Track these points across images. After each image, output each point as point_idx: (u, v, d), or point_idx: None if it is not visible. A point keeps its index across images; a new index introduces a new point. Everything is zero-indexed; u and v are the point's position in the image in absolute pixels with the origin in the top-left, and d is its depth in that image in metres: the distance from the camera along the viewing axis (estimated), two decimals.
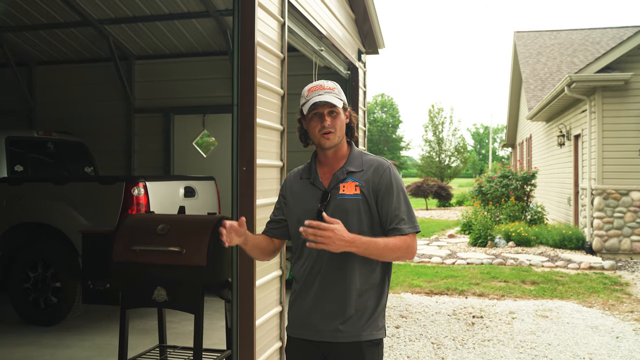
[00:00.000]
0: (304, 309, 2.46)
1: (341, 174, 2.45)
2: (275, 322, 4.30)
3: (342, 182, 2.44)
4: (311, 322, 2.43)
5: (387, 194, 2.42)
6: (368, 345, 2.41)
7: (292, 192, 2.58)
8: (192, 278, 3.89)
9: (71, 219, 5.71)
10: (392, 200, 2.42)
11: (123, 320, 4.11)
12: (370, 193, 2.42)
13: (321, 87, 2.47)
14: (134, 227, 4.16)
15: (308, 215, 2.39)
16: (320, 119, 2.45)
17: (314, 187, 2.49)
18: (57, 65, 9.28)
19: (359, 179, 2.43)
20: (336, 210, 2.39)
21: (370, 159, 2.51)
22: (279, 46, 4.31)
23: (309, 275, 2.44)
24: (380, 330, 2.45)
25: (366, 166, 2.47)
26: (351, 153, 2.52)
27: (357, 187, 2.41)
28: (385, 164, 2.49)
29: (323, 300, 2.41)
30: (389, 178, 2.44)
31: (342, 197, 2.41)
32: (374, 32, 7.76)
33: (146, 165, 8.90)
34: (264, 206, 3.96)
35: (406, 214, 2.42)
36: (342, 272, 2.39)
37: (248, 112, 3.73)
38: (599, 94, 11.52)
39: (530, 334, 6.15)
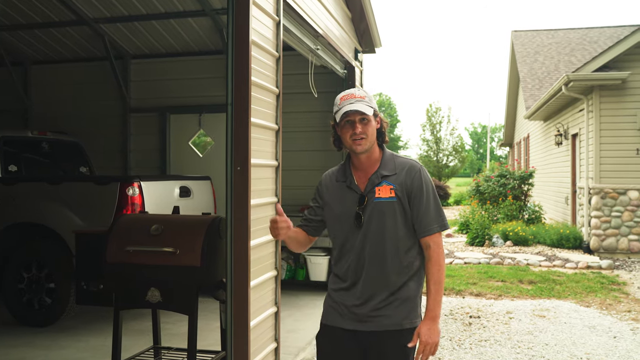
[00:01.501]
0: (348, 302, 2.63)
1: (376, 178, 2.63)
2: (271, 322, 4.27)
3: (377, 185, 2.61)
4: (356, 313, 2.60)
5: (419, 196, 2.60)
6: (409, 332, 2.60)
7: (330, 194, 2.74)
8: (186, 279, 3.86)
9: (65, 219, 5.67)
10: (423, 202, 2.60)
11: (116, 321, 4.08)
12: (404, 195, 2.60)
13: (352, 96, 2.63)
14: (128, 228, 4.13)
15: (347, 217, 2.63)
16: (351, 126, 2.60)
17: (350, 190, 2.66)
18: (52, 65, 9.23)
19: (393, 182, 2.61)
20: (373, 212, 2.58)
21: (401, 162, 2.68)
22: (274, 45, 4.28)
23: (354, 272, 2.63)
24: (419, 319, 2.64)
25: (399, 169, 2.64)
26: (384, 157, 2.69)
27: (392, 190, 2.59)
28: (416, 166, 2.66)
29: (368, 293, 2.60)
30: (420, 181, 2.62)
31: (378, 200, 2.59)
32: (370, 30, 7.73)
33: (142, 165, 8.85)
34: (259, 206, 3.93)
35: (435, 215, 2.62)
36: (384, 267, 2.59)
37: (242, 111, 3.69)
38: (597, 93, 11.51)
39: (527, 334, 6.13)
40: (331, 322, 2.68)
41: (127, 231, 4.08)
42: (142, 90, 8.89)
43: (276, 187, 4.33)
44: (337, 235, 2.69)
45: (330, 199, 2.72)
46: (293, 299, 7.16)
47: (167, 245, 3.89)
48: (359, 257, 2.61)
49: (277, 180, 4.35)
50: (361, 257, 2.61)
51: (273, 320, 4.32)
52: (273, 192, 4.28)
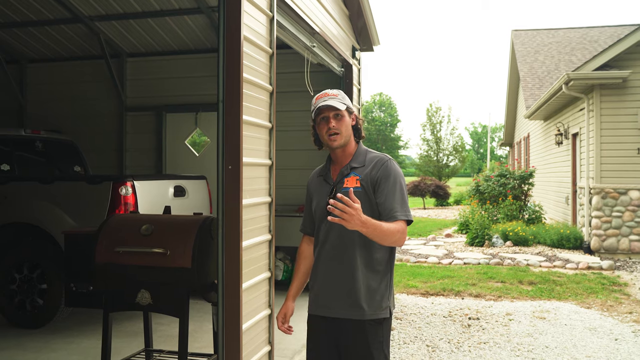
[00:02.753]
0: (316, 289, 2.78)
1: (345, 169, 2.77)
2: (264, 325, 4.17)
3: (346, 176, 2.74)
4: (322, 301, 2.74)
5: (383, 184, 2.67)
6: (371, 324, 2.65)
7: (313, 189, 2.91)
8: (177, 280, 3.77)
9: (57, 219, 5.57)
10: (387, 189, 2.66)
11: (106, 324, 4.00)
12: (369, 185, 2.68)
13: (326, 94, 2.80)
14: (118, 228, 4.04)
15: (320, 208, 2.75)
16: (326, 122, 2.76)
17: (325, 183, 2.82)
18: (48, 63, 9.14)
19: (360, 173, 2.72)
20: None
21: (372, 155, 2.80)
22: (267, 41, 4.18)
23: (320, 258, 2.76)
24: (384, 310, 2.68)
25: (368, 162, 2.76)
26: (357, 151, 2.82)
27: (358, 181, 2.70)
28: (384, 158, 2.77)
29: (331, 281, 2.71)
30: (386, 169, 2.70)
31: (345, 190, 2.64)
32: (368, 28, 7.62)
33: (138, 164, 8.76)
34: (252, 206, 3.83)
35: (399, 203, 2.66)
36: (347, 256, 2.67)
37: (234, 108, 3.60)
38: (597, 92, 11.40)
39: (527, 336, 6.03)
40: (311, 311, 2.83)
41: (117, 231, 4.00)
42: (138, 89, 8.80)
43: (270, 186, 4.24)
44: (317, 227, 2.83)
45: (314, 193, 2.88)
46: None
47: (158, 246, 3.80)
48: (327, 246, 2.73)
49: (271, 180, 4.25)
50: (328, 246, 2.72)
51: (267, 323, 4.22)
52: (267, 192, 4.18)
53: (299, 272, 2.97)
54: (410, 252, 11.92)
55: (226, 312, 3.62)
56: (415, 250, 12.23)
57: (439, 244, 13.20)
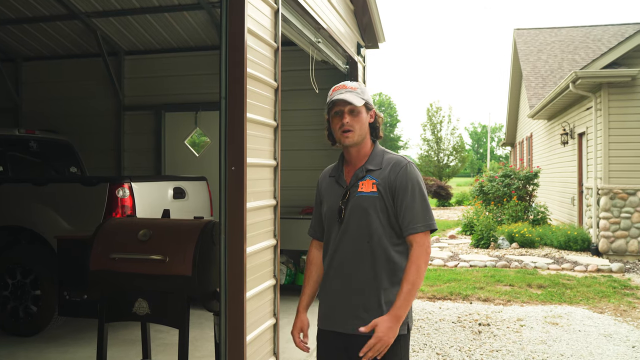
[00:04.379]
0: (327, 303, 2.56)
1: (361, 172, 2.53)
2: (269, 336, 3.94)
3: (361, 180, 2.51)
4: (335, 315, 2.51)
5: (403, 192, 2.45)
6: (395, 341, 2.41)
7: (323, 190, 2.68)
8: (177, 289, 3.54)
9: (51, 223, 5.34)
10: (407, 199, 2.45)
11: (101, 335, 3.77)
12: (387, 191, 2.46)
13: (344, 87, 2.54)
14: (114, 233, 3.80)
15: (332, 212, 2.55)
16: (340, 117, 2.53)
17: (338, 185, 2.59)
18: (44, 62, 8.91)
19: (377, 177, 2.49)
20: (354, 207, 2.48)
21: (389, 157, 2.56)
22: (272, 35, 3.95)
23: (335, 271, 2.53)
24: (403, 327, 2.44)
25: (385, 164, 2.52)
26: (373, 151, 2.58)
27: (374, 185, 2.47)
28: (402, 162, 2.52)
29: (344, 295, 2.49)
30: (404, 176, 2.47)
31: (360, 195, 2.48)
32: (373, 24, 7.39)
33: (136, 165, 8.53)
34: (256, 210, 3.60)
35: (421, 212, 2.45)
36: (364, 269, 2.45)
37: (237, 105, 3.37)
38: (605, 90, 11.17)
39: (541, 343, 5.80)
40: (320, 325, 2.63)
41: (113, 236, 3.77)
42: (137, 88, 8.57)
43: (275, 188, 4.01)
44: (326, 232, 2.62)
45: (324, 195, 2.66)
46: (293, 306, 6.78)
47: (156, 253, 3.57)
48: (339, 254, 2.52)
49: (276, 181, 4.03)
50: (340, 254, 2.51)
51: (272, 333, 3.99)
52: (272, 194, 3.95)
53: (310, 281, 2.73)
54: None
55: (229, 322, 3.39)
56: None
57: (444, 246, 12.97)
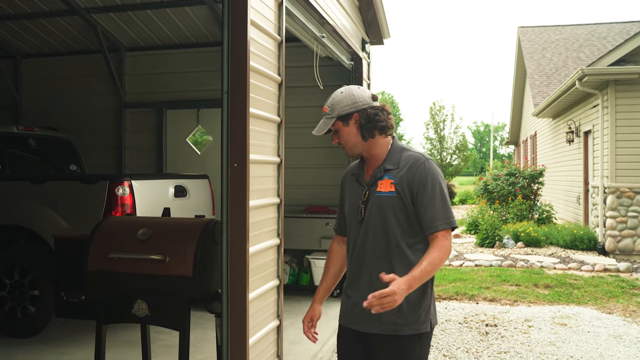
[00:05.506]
0: (354, 301, 2.53)
1: (379, 171, 2.51)
2: (272, 338, 3.83)
3: (379, 179, 2.50)
4: (356, 313, 2.50)
5: (422, 191, 2.42)
6: (410, 338, 2.43)
7: (346, 188, 2.68)
8: (177, 290, 3.42)
9: (50, 222, 5.23)
10: (427, 198, 2.42)
11: (99, 337, 3.65)
12: (405, 190, 2.44)
13: (323, 110, 2.57)
14: (112, 232, 3.69)
15: (353, 210, 2.55)
16: None
17: (358, 184, 2.59)
18: (44, 58, 8.79)
19: (395, 176, 2.47)
20: (373, 206, 2.48)
21: (408, 155, 2.51)
22: (275, 27, 3.83)
23: (358, 270, 2.53)
24: (424, 324, 2.45)
25: (403, 163, 2.49)
26: (391, 149, 2.54)
27: (392, 185, 2.45)
28: (420, 159, 2.48)
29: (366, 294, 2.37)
30: (423, 174, 2.44)
31: (378, 195, 2.47)
32: (378, 20, 7.28)
33: (138, 162, 8.41)
34: (259, 208, 3.48)
35: (441, 210, 2.42)
36: (384, 268, 2.41)
37: (240, 100, 3.25)
38: (612, 88, 11.02)
39: (549, 345, 5.67)
40: (341, 321, 2.63)
41: (111, 236, 3.65)
42: (138, 85, 8.44)
43: (279, 186, 3.89)
44: (348, 229, 2.63)
45: (346, 192, 2.67)
46: (296, 306, 6.71)
47: (156, 252, 3.45)
48: (359, 253, 2.52)
49: (280, 179, 3.91)
50: (361, 253, 2.51)
51: (275, 335, 3.87)
52: (275, 192, 3.83)
53: (329, 274, 2.77)
54: None
55: (231, 324, 3.27)
56: None
57: None
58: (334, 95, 2.56)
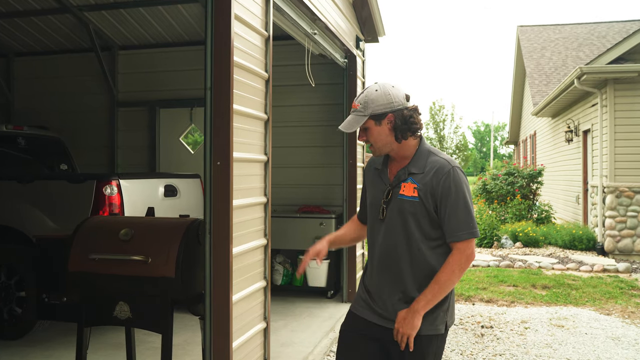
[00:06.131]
0: (372, 295, 2.54)
1: (403, 173, 2.48)
2: (259, 340, 3.73)
3: (403, 181, 2.47)
4: (374, 307, 2.51)
5: (445, 199, 2.40)
6: (427, 338, 2.43)
7: (369, 179, 2.67)
8: (159, 292, 3.33)
9: (37, 222, 5.13)
10: (449, 206, 2.39)
11: (80, 340, 3.55)
12: (428, 197, 2.41)
13: (353, 105, 2.50)
14: (94, 232, 3.59)
15: (375, 207, 2.55)
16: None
17: (381, 180, 2.56)
18: (36, 57, 8.70)
19: (419, 181, 2.43)
20: (394, 209, 2.47)
21: (434, 160, 2.47)
22: (262, 23, 3.74)
23: (379, 267, 2.52)
24: (440, 326, 2.46)
25: (428, 168, 2.45)
26: (417, 152, 2.50)
27: (416, 190, 2.42)
28: (446, 167, 2.43)
29: (389, 292, 2.48)
30: (447, 183, 2.40)
31: (401, 198, 2.45)
32: (373, 17, 7.18)
33: (130, 162, 8.32)
34: (244, 207, 3.39)
35: (464, 220, 2.40)
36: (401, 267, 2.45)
37: (223, 96, 3.16)
38: (611, 86, 10.92)
39: (546, 347, 5.58)
40: (354, 309, 2.62)
41: (93, 236, 3.56)
42: (130, 83, 8.34)
43: (266, 185, 3.80)
44: (369, 222, 2.62)
45: (368, 184, 2.66)
46: (289, 307, 6.62)
47: (138, 253, 3.36)
48: (380, 251, 2.52)
49: (267, 178, 3.82)
50: (381, 251, 2.51)
51: (262, 338, 3.78)
52: (262, 191, 3.74)
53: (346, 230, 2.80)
54: None
55: (214, 327, 3.18)
56: None
57: None
58: (367, 93, 2.47)
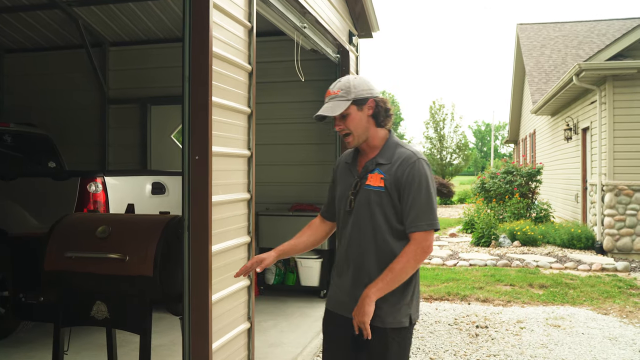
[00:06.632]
0: (340, 288, 2.58)
1: (371, 164, 2.51)
2: (242, 341, 3.62)
3: (370, 172, 2.49)
4: (346, 302, 2.52)
5: (408, 189, 2.42)
6: (393, 331, 2.45)
7: (339, 174, 2.67)
8: (137, 291, 3.21)
9: (19, 220, 5.01)
10: (411, 196, 2.42)
11: (57, 341, 3.43)
12: (393, 187, 2.44)
13: (328, 93, 2.51)
14: (71, 230, 3.48)
15: (343, 200, 2.57)
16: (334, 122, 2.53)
17: (350, 174, 2.58)
18: (26, 54, 8.61)
19: (386, 172, 2.46)
20: (361, 199, 2.49)
21: (401, 151, 2.50)
22: (245, 13, 3.62)
23: (345, 259, 2.55)
24: (403, 319, 2.47)
25: (395, 159, 2.47)
26: (386, 144, 2.53)
27: (382, 180, 2.45)
28: (412, 158, 2.46)
29: (355, 284, 2.49)
30: (412, 173, 2.43)
31: (367, 188, 2.47)
32: (366, 12, 7.06)
33: (122, 160, 8.21)
34: (224, 204, 3.27)
35: (424, 211, 2.41)
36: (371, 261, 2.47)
37: (201, 87, 3.04)
38: (610, 83, 10.79)
39: (541, 347, 5.45)
40: (328, 306, 2.66)
41: (70, 234, 3.44)
42: (122, 80, 8.25)
43: (249, 180, 3.68)
44: (338, 216, 2.63)
45: (338, 179, 2.67)
46: (280, 306, 6.50)
47: (114, 251, 3.24)
48: (348, 243, 2.54)
49: (251, 173, 3.70)
50: (349, 244, 2.53)
51: (246, 339, 3.66)
52: (245, 187, 3.62)
53: (299, 238, 2.77)
54: None
55: (193, 328, 3.07)
56: None
57: (443, 244, 12.62)
58: (346, 80, 2.51)
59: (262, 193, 6.68)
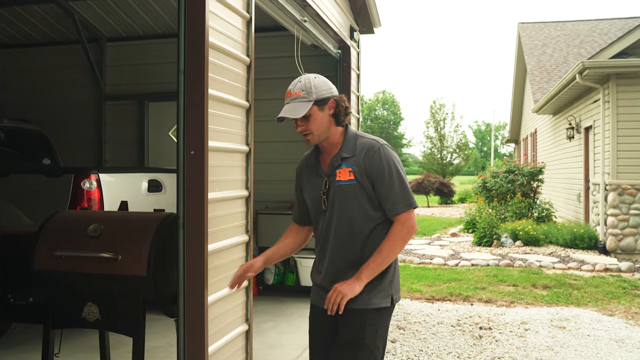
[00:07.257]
0: (318, 281, 2.64)
1: (336, 160, 2.54)
2: (240, 344, 3.48)
3: (337, 168, 2.52)
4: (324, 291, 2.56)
5: (380, 177, 2.47)
6: (374, 311, 2.50)
7: (304, 179, 2.69)
8: (130, 291, 3.09)
9: (12, 217, 4.88)
10: (385, 182, 2.47)
11: (46, 344, 3.31)
12: (364, 177, 2.48)
13: (289, 94, 2.53)
14: (62, 228, 3.35)
15: (315, 201, 2.60)
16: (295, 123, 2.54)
17: (317, 175, 2.60)
18: (22, 49, 8.46)
19: (352, 164, 2.50)
20: (335, 196, 2.52)
21: (362, 142, 2.54)
22: (243, 4, 3.49)
23: (321, 252, 2.60)
24: (386, 299, 2.53)
25: (358, 150, 2.52)
26: (346, 137, 2.57)
27: (351, 173, 2.49)
28: (375, 145, 2.51)
29: (335, 277, 2.54)
30: (379, 161, 2.47)
31: (338, 184, 2.51)
32: (368, 7, 6.91)
33: (119, 157, 8.07)
34: (221, 201, 3.14)
35: (400, 193, 2.48)
36: (351, 253, 2.52)
37: (197, 79, 2.90)
38: (614, 81, 10.65)
39: (547, 350, 5.33)
40: (312, 300, 2.72)
41: (61, 232, 3.31)
42: (119, 76, 8.10)
43: (247, 177, 3.55)
44: (313, 218, 2.67)
45: (305, 183, 2.68)
46: (280, 307, 6.37)
47: (106, 250, 3.12)
48: (325, 239, 2.58)
49: (249, 170, 3.56)
50: (327, 239, 2.57)
51: (243, 341, 3.53)
52: (243, 184, 3.49)
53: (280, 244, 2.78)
54: (414, 252, 11.20)
55: (188, 330, 2.93)
56: (419, 250, 11.51)
57: (445, 244, 12.49)
58: (306, 80, 2.50)
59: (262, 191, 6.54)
